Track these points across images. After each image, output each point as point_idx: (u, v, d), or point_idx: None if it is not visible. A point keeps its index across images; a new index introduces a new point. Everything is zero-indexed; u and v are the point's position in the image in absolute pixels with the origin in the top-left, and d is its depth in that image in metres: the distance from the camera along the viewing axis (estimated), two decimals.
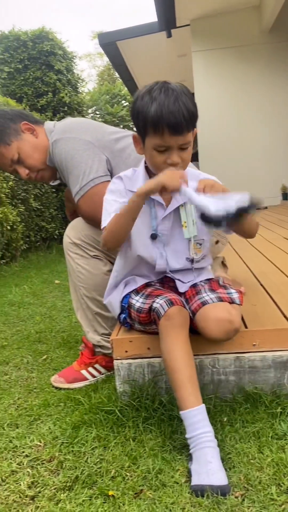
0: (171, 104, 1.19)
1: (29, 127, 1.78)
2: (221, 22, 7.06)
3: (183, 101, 1.20)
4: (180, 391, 1.19)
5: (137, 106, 1.27)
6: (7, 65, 7.09)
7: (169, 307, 1.24)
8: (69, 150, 1.66)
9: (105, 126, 1.80)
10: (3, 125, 1.74)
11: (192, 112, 1.23)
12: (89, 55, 27.26)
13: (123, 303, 1.46)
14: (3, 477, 1.19)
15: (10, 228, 4.92)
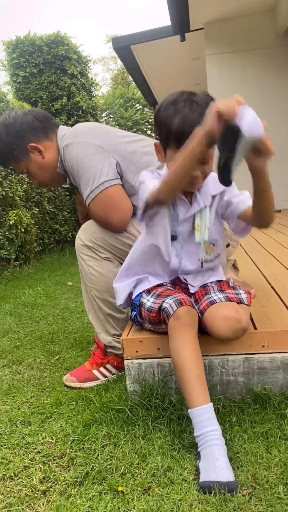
0: (195, 120, 1.16)
1: (35, 146, 1.78)
2: (235, 26, 7.06)
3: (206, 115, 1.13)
4: (188, 390, 1.21)
5: (161, 117, 1.25)
6: (22, 70, 7.20)
7: (178, 307, 1.27)
8: (79, 154, 1.69)
9: (115, 130, 1.83)
10: (10, 146, 1.77)
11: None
12: (103, 59, 27.45)
13: (134, 301, 1.49)
14: (16, 472, 1.22)
15: (24, 231, 4.99)
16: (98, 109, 8.60)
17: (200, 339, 1.41)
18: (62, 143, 1.77)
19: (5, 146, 1.78)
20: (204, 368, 1.28)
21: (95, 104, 8.18)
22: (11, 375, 1.97)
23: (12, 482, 1.19)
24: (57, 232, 6.44)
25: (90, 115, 7.85)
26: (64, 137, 1.77)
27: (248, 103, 2.94)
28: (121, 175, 1.71)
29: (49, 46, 7.15)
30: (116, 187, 1.67)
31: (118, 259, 1.77)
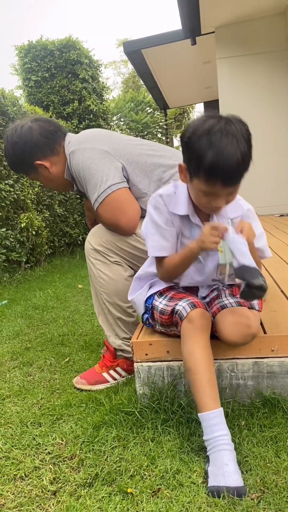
0: (230, 156, 1.12)
1: (41, 164, 1.80)
2: (246, 29, 7.06)
3: (241, 149, 1.13)
4: (199, 394, 1.22)
5: (193, 144, 1.17)
6: (34, 74, 7.27)
7: (192, 309, 1.28)
8: (85, 159, 1.71)
9: (119, 135, 1.85)
10: (18, 161, 1.83)
11: (248, 159, 1.17)
12: (114, 63, 27.55)
13: (147, 304, 1.51)
14: (26, 472, 1.24)
15: (35, 233, 5.03)
16: (109, 112, 8.65)
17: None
18: (68, 150, 1.79)
19: (13, 161, 1.84)
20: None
21: (106, 108, 8.22)
22: (22, 376, 1.99)
23: (22, 482, 1.20)
24: (68, 235, 6.48)
25: (101, 119, 7.89)
26: (70, 144, 1.79)
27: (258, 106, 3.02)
28: (128, 179, 1.73)
29: (61, 51, 7.21)
30: (123, 190, 1.69)
31: (128, 263, 1.78)
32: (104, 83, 8.42)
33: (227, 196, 1.22)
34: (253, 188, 7.10)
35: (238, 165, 1.13)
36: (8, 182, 4.64)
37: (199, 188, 1.21)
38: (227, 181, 1.16)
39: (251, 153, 1.18)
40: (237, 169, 1.14)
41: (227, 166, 1.12)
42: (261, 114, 7.32)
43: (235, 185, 1.19)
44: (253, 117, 7.32)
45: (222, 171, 1.13)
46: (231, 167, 1.12)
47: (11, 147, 1.79)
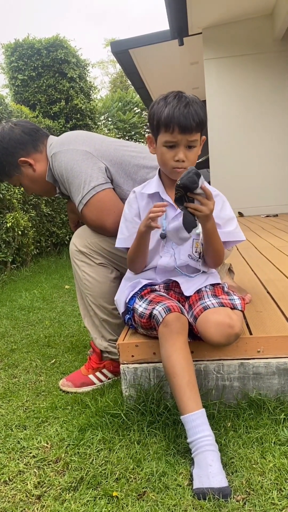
0: (182, 108, 1.34)
1: (25, 161, 1.79)
2: (233, 31, 7.10)
3: (193, 107, 1.35)
4: (179, 396, 1.22)
5: (153, 110, 1.41)
6: (21, 73, 7.21)
7: (167, 314, 1.28)
8: (68, 161, 1.69)
9: (102, 137, 1.83)
10: (1, 163, 1.79)
11: (201, 117, 1.36)
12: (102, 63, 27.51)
13: (128, 304, 1.50)
14: (10, 476, 1.22)
15: (21, 233, 4.99)
16: (96, 112, 8.62)
17: (195, 344, 1.42)
18: (50, 152, 1.77)
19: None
20: (195, 373, 1.28)
21: (93, 107, 8.20)
22: (6, 378, 1.97)
23: (6, 486, 1.18)
24: (55, 235, 6.45)
25: (89, 118, 7.87)
26: (51, 146, 1.77)
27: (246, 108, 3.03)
28: (111, 180, 1.72)
29: (48, 50, 7.17)
30: (107, 191, 1.68)
31: (113, 265, 1.77)
32: (91, 82, 8.39)
33: (186, 151, 1.38)
34: (240, 189, 7.16)
35: (190, 114, 1.33)
36: None
37: (162, 141, 1.39)
38: (183, 127, 1.33)
39: (204, 114, 1.38)
40: (190, 117, 1.33)
41: (182, 114, 1.33)
42: (248, 115, 7.37)
43: (191, 132, 1.35)
44: (240, 118, 7.40)
45: (178, 118, 1.33)
46: (184, 114, 1.33)
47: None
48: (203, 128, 1.39)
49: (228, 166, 7.40)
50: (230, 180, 7.22)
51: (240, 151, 7.39)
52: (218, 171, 7.44)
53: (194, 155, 1.40)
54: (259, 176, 7.30)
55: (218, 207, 1.48)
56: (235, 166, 7.37)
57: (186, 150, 1.38)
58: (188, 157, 1.39)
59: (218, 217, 1.47)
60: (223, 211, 1.50)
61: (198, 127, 1.36)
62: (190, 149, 1.39)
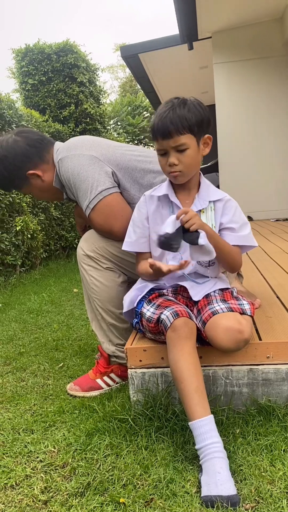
0: (162, 114, 1.36)
1: (33, 173, 1.78)
2: (243, 35, 7.10)
3: (176, 110, 1.35)
4: (187, 402, 1.21)
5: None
6: (31, 78, 7.27)
7: (175, 318, 1.27)
8: (75, 166, 1.68)
9: (108, 141, 1.82)
10: (10, 178, 1.79)
11: (184, 118, 1.34)
12: (111, 67, 27.65)
13: (136, 308, 1.50)
14: (17, 481, 1.21)
15: (30, 237, 5.01)
16: (105, 116, 8.65)
17: (203, 349, 1.41)
18: (56, 157, 1.76)
19: (4, 179, 1.79)
20: (204, 379, 1.26)
21: (103, 111, 8.23)
22: (14, 382, 1.97)
23: (13, 491, 1.18)
24: (64, 238, 6.46)
25: (98, 122, 7.90)
26: (58, 152, 1.77)
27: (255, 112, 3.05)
28: (118, 184, 1.71)
29: (58, 54, 7.22)
30: (114, 195, 1.67)
31: (121, 269, 1.77)
32: (101, 87, 8.43)
33: (178, 154, 1.38)
34: (249, 193, 7.13)
35: (168, 118, 1.34)
36: None
37: (156, 150, 1.43)
38: (162, 133, 1.35)
39: (194, 113, 1.36)
40: (168, 121, 1.34)
41: (160, 121, 1.35)
42: (257, 119, 7.35)
43: (172, 137, 1.35)
44: (249, 122, 7.38)
45: (157, 127, 1.36)
46: (162, 120, 1.35)
47: (0, 163, 1.76)
48: (192, 129, 1.36)
49: (237, 170, 7.38)
50: (239, 184, 7.20)
51: (249, 155, 7.37)
52: (227, 175, 7.42)
53: (188, 158, 1.38)
54: (268, 180, 7.27)
55: (230, 212, 1.49)
56: (244, 170, 7.35)
57: (178, 154, 1.38)
58: (181, 160, 1.38)
59: (231, 221, 1.49)
60: (236, 216, 1.50)
61: (179, 130, 1.34)
62: (182, 152, 1.37)
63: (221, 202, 1.49)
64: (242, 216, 1.52)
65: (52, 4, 56.12)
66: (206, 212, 1.47)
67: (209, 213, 1.48)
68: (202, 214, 1.47)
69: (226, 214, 1.49)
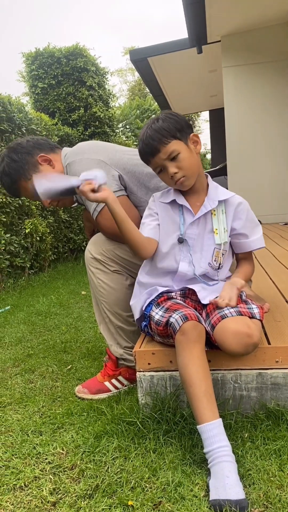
0: (142, 137, 1.42)
1: (45, 158, 1.81)
2: (252, 38, 7.09)
3: (151, 127, 1.40)
4: (196, 405, 1.21)
5: None
6: (41, 81, 7.32)
7: (184, 322, 1.27)
8: (82, 170, 1.69)
9: (116, 146, 1.84)
10: (21, 161, 1.78)
11: (161, 129, 1.39)
12: (121, 71, 27.76)
13: (145, 312, 1.50)
14: (26, 482, 1.22)
15: (39, 239, 5.04)
16: (114, 120, 8.69)
17: (212, 353, 1.41)
18: (65, 162, 1.79)
19: (15, 164, 1.78)
20: (212, 383, 1.26)
21: (111, 115, 8.26)
22: (23, 383, 1.98)
23: (22, 492, 1.19)
24: (72, 241, 6.49)
25: (107, 126, 7.93)
26: (66, 157, 1.79)
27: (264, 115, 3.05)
28: (125, 187, 1.73)
29: (68, 58, 7.27)
30: (121, 198, 1.68)
31: (128, 272, 1.77)
32: (110, 90, 8.47)
33: (172, 162, 1.41)
34: (257, 196, 7.10)
35: (147, 137, 1.40)
36: None
37: (154, 172, 1.49)
38: (148, 153, 1.42)
39: (169, 122, 1.41)
40: (148, 140, 1.40)
41: (144, 144, 1.42)
42: (266, 123, 7.33)
43: (158, 151, 1.40)
44: (258, 126, 7.37)
45: (144, 150, 1.43)
46: (145, 143, 1.41)
47: (12, 150, 1.78)
48: (174, 135, 1.40)
49: (246, 173, 7.36)
50: (247, 187, 7.18)
51: (258, 158, 7.35)
52: (236, 178, 7.40)
53: (184, 161, 1.41)
54: (277, 183, 7.25)
55: (243, 216, 1.53)
56: (253, 173, 7.33)
57: (173, 163, 1.41)
58: (179, 167, 1.41)
59: (244, 227, 1.53)
60: (248, 221, 1.54)
61: (163, 141, 1.39)
62: (175, 159, 1.41)
63: (231, 206, 1.52)
64: (253, 218, 1.56)
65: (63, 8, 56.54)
66: (218, 215, 1.50)
67: (220, 216, 1.50)
68: (214, 217, 1.49)
69: (238, 218, 1.52)
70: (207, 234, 1.50)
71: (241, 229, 1.53)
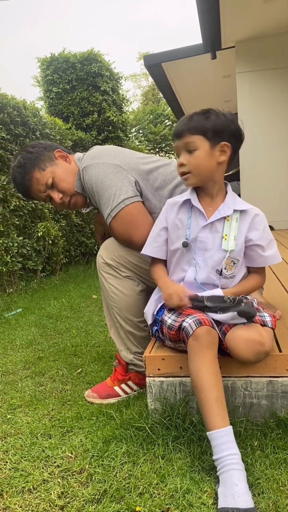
0: (181, 119, 1.44)
1: (62, 154, 1.85)
2: (266, 44, 7.08)
3: (191, 115, 1.42)
4: (206, 411, 1.20)
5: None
6: (55, 86, 7.39)
7: (197, 326, 1.26)
8: (99, 174, 1.70)
9: (131, 151, 1.84)
10: (37, 152, 1.81)
11: (197, 121, 1.40)
12: (134, 76, 27.88)
13: (157, 316, 1.50)
14: (34, 485, 1.23)
15: (51, 242, 5.07)
16: (128, 124, 8.73)
17: (223, 360, 1.40)
18: (80, 165, 1.79)
19: (31, 155, 1.79)
20: (223, 389, 1.26)
21: (125, 119, 8.30)
22: (33, 386, 1.99)
23: (31, 495, 1.19)
24: (84, 244, 6.52)
25: (120, 130, 7.97)
26: (82, 160, 1.80)
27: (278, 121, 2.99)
28: (141, 193, 1.72)
29: (82, 63, 7.33)
30: (136, 204, 1.68)
31: (140, 278, 1.77)
32: (124, 95, 8.51)
33: (186, 154, 1.42)
34: (270, 202, 7.07)
35: (182, 121, 1.43)
36: None
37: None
38: (174, 133, 1.45)
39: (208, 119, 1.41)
40: (180, 124, 1.43)
41: (177, 125, 1.46)
42: (280, 128, 7.30)
43: (181, 136, 1.42)
44: (272, 131, 7.33)
45: (174, 129, 1.47)
46: (178, 124, 1.45)
47: (30, 146, 1.84)
48: (205, 132, 1.38)
49: (259, 179, 7.33)
50: (260, 192, 7.15)
51: (272, 164, 7.32)
52: (249, 183, 7.38)
53: (196, 159, 1.40)
54: None
55: (260, 227, 1.47)
56: (266, 179, 7.29)
57: (187, 155, 1.41)
58: (189, 161, 1.41)
59: (261, 238, 1.47)
60: (266, 233, 1.49)
61: (190, 130, 1.39)
62: (190, 153, 1.40)
63: (248, 215, 1.46)
64: (269, 232, 1.51)
65: (79, 15, 57.11)
66: (231, 221, 1.45)
67: (233, 224, 1.45)
68: (227, 222, 1.45)
69: (256, 229, 1.46)
70: (218, 240, 1.46)
71: (258, 240, 1.46)
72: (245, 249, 1.49)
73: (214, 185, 1.46)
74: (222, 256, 1.45)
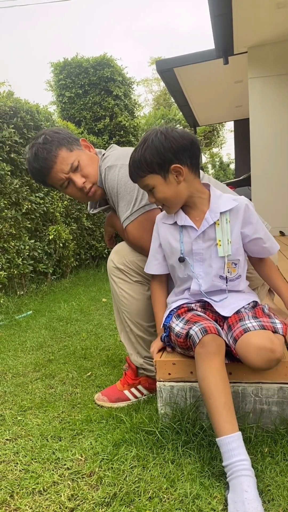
0: (131, 156, 1.44)
1: (86, 144, 1.85)
2: (279, 49, 7.07)
3: (137, 153, 1.41)
4: (215, 418, 1.20)
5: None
6: (68, 90, 7.46)
7: (204, 335, 1.27)
8: (122, 176, 1.70)
9: None
10: (65, 134, 1.78)
11: (139, 161, 1.40)
12: (146, 80, 27.99)
13: (165, 322, 1.51)
14: (45, 487, 1.23)
15: (62, 246, 5.10)
16: (139, 129, 8.77)
17: (233, 365, 1.40)
18: (103, 163, 1.77)
19: (59, 135, 1.75)
20: (233, 395, 1.25)
21: (136, 124, 8.34)
22: (43, 388, 2.00)
23: (41, 497, 1.20)
24: (94, 248, 6.54)
25: (131, 135, 8.00)
26: (106, 159, 1.77)
27: None
28: None
29: (95, 68, 7.39)
30: (156, 211, 1.68)
31: (150, 283, 1.78)
32: (135, 100, 8.55)
33: (150, 192, 1.46)
34: (281, 207, 7.04)
35: (131, 164, 1.43)
36: (38, 195, 4.74)
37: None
38: (131, 178, 1.48)
39: (150, 156, 1.39)
40: (132, 168, 1.44)
41: (129, 166, 1.46)
42: None
43: (136, 181, 1.46)
44: (283, 137, 7.31)
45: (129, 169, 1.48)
46: (130, 166, 1.45)
47: (56, 129, 1.79)
48: (152, 169, 1.39)
49: (270, 184, 7.31)
50: (271, 198, 7.12)
51: (283, 169, 7.29)
52: (260, 189, 7.36)
53: (159, 194, 1.43)
54: None
55: (253, 220, 1.48)
56: (278, 184, 7.27)
57: (151, 194, 1.46)
58: (156, 198, 1.45)
59: (256, 231, 1.49)
60: (259, 224, 1.50)
61: (139, 175, 1.42)
62: (151, 191, 1.45)
63: (238, 212, 1.46)
64: (261, 221, 1.54)
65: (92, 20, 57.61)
66: (221, 224, 1.45)
67: (224, 226, 1.45)
68: (217, 227, 1.45)
69: (249, 223, 1.47)
70: (214, 248, 1.47)
71: (255, 234, 1.47)
72: (248, 244, 1.51)
73: (191, 198, 1.47)
74: (222, 262, 1.47)
